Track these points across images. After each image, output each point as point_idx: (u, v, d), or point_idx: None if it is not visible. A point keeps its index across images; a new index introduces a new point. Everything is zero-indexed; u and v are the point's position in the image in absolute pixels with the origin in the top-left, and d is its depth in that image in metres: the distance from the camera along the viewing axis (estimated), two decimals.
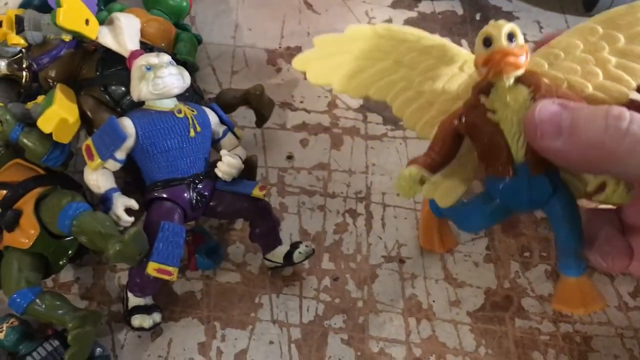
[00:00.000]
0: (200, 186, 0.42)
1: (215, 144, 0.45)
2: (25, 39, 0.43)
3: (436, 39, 0.39)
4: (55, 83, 0.44)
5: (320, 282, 0.45)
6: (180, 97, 0.44)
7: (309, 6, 0.64)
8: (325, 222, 0.48)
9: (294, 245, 0.43)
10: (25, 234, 0.39)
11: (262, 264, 0.45)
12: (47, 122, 0.40)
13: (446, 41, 0.39)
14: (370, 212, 0.49)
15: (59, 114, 0.40)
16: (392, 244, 0.47)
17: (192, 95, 0.47)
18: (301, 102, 0.56)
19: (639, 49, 0.34)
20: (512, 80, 0.34)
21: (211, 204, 0.43)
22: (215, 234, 0.47)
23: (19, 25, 0.42)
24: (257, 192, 0.42)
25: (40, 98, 0.42)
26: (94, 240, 0.38)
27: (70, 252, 0.42)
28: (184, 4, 0.54)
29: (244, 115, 0.53)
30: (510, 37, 0.33)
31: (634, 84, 0.35)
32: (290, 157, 0.52)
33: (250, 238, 0.44)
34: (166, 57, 0.42)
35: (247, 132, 0.53)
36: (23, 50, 0.45)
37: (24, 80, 0.45)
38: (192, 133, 0.42)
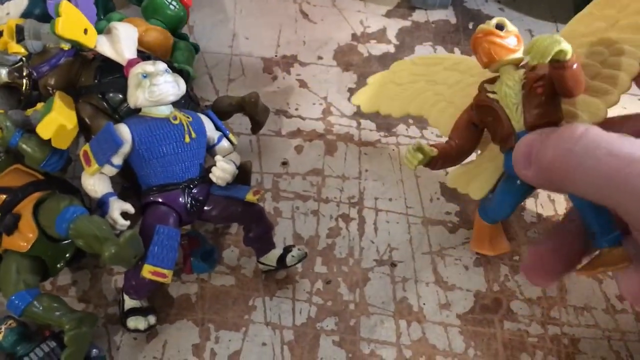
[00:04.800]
0: (195, 191, 0.43)
1: (210, 150, 0.46)
2: (26, 48, 0.44)
3: (459, 57, 0.48)
4: (54, 91, 0.45)
5: (313, 285, 0.46)
6: (176, 104, 0.44)
7: (305, 15, 0.65)
8: (318, 227, 0.49)
9: (287, 249, 0.44)
10: (24, 238, 0.40)
11: (256, 267, 0.46)
12: (45, 129, 0.41)
13: (467, 57, 0.46)
14: (363, 217, 0.49)
15: (57, 120, 0.41)
16: (384, 248, 0.48)
17: (188, 103, 0.47)
18: (296, 109, 0.57)
19: (634, 20, 0.37)
20: (504, 60, 0.38)
21: (206, 208, 0.44)
22: (210, 238, 0.48)
23: (20, 34, 0.43)
24: (250, 197, 0.43)
25: (39, 105, 0.43)
26: (90, 244, 0.39)
27: (67, 255, 0.43)
28: (182, 13, 0.55)
29: (240, 122, 0.54)
30: (499, 26, 0.38)
31: (638, 54, 0.36)
32: (285, 163, 0.53)
33: (244, 242, 0.45)
34: (162, 65, 0.43)
35: (243, 139, 0.54)
36: (23, 58, 0.46)
37: (24, 88, 0.46)
38: (187, 139, 0.43)
